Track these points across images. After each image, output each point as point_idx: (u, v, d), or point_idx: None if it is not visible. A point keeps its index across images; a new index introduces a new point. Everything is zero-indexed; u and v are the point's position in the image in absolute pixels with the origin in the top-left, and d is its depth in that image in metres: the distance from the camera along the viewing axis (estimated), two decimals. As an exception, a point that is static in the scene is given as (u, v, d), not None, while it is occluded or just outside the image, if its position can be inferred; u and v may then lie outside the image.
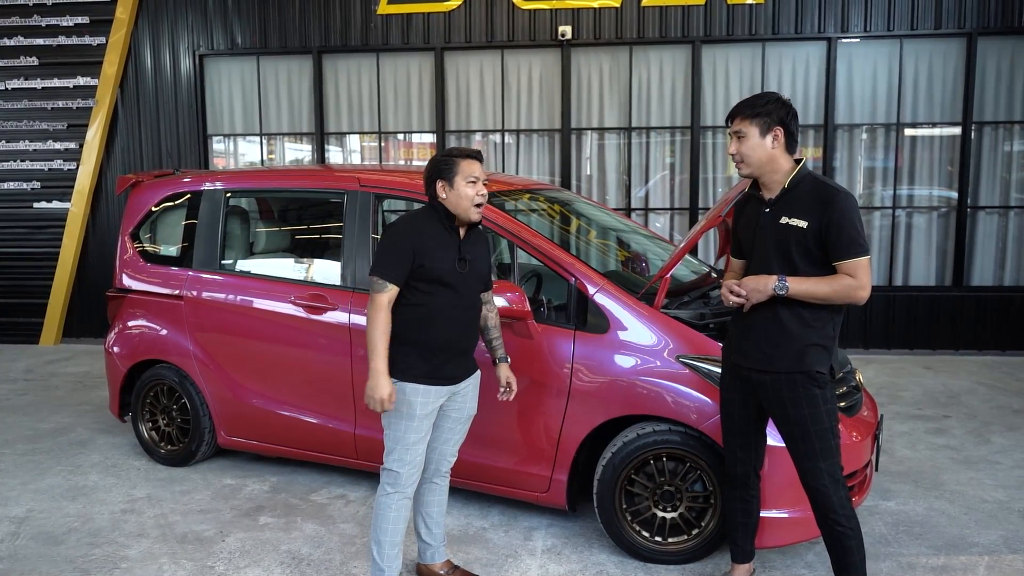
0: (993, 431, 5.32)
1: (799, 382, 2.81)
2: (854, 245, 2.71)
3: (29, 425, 5.60)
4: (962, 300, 7.55)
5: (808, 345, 2.81)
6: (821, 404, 2.82)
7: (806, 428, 2.81)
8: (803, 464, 2.86)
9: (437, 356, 3.06)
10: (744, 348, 2.94)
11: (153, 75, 8.25)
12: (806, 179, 2.84)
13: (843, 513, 2.83)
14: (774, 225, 2.83)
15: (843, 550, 2.88)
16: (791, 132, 2.84)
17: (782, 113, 2.82)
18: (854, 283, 2.72)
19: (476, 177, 3.02)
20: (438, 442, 3.25)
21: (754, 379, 2.91)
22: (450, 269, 3.03)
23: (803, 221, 2.76)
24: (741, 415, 3.04)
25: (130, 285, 4.91)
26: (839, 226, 2.71)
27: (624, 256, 4.84)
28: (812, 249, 2.76)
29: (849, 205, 2.73)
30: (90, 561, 3.62)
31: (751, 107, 2.84)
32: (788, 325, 2.81)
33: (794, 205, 2.80)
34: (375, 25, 7.93)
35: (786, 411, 2.84)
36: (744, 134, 2.84)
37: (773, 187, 2.87)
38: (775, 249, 2.82)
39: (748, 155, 2.84)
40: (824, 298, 2.76)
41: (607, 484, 3.53)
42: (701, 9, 7.52)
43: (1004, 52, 7.40)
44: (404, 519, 3.13)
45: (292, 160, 8.54)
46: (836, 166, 7.65)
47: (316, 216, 5.23)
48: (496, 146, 8.11)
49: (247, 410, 4.49)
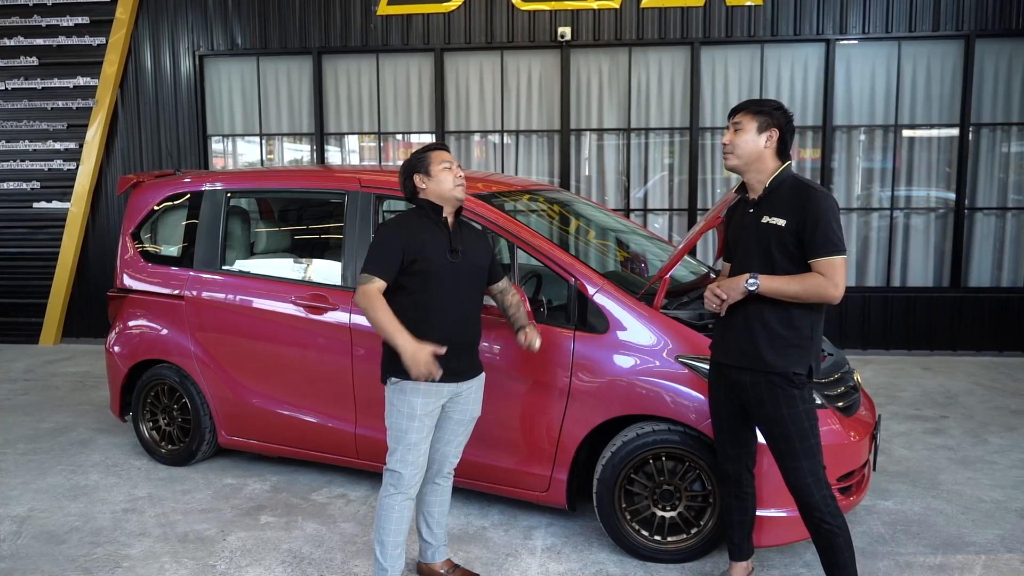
0: (990, 431, 5.34)
1: (776, 382, 2.85)
2: (828, 243, 2.75)
3: (30, 425, 5.61)
4: (960, 301, 7.58)
5: (786, 346, 2.84)
6: (799, 404, 2.85)
7: (785, 428, 2.85)
8: (784, 463, 2.90)
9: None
10: (724, 347, 3.00)
11: (153, 75, 8.26)
12: (788, 180, 2.90)
13: (827, 511, 2.86)
14: (756, 224, 2.89)
15: (830, 548, 2.90)
16: (785, 140, 2.91)
17: (783, 120, 2.90)
18: (826, 282, 2.75)
19: (449, 162, 3.10)
20: (440, 443, 3.25)
21: (734, 377, 2.96)
22: (442, 262, 3.05)
23: (782, 220, 2.82)
24: (728, 413, 3.08)
25: (131, 285, 4.92)
26: (815, 223, 2.75)
27: (623, 257, 4.85)
28: (791, 248, 2.81)
29: (827, 204, 2.78)
30: (92, 560, 3.63)
31: (757, 104, 2.93)
32: (765, 325, 2.85)
33: (775, 205, 2.86)
34: (375, 26, 7.95)
35: (764, 411, 2.88)
36: (742, 126, 2.91)
37: (757, 187, 2.94)
38: (756, 248, 2.88)
39: (740, 146, 2.91)
40: (795, 296, 2.79)
41: (607, 483, 3.55)
42: (700, 11, 7.54)
43: (1002, 54, 7.42)
44: (407, 519, 3.14)
45: (291, 160, 8.56)
46: (834, 167, 7.67)
47: (317, 216, 5.25)
48: (495, 147, 8.13)
49: (248, 410, 4.50)
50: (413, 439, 3.07)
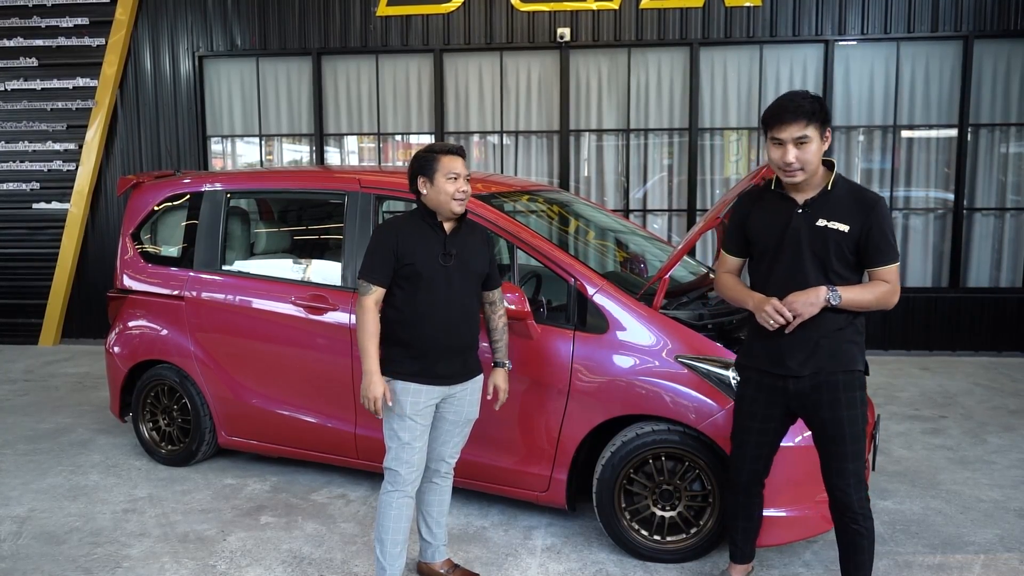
0: (989, 431, 5.35)
1: (842, 384, 2.78)
2: (892, 250, 2.72)
3: (29, 425, 5.61)
4: (959, 301, 7.59)
5: (845, 343, 2.78)
6: (859, 406, 2.81)
7: (842, 430, 2.78)
8: (831, 464, 2.83)
9: (427, 355, 3.06)
10: (780, 356, 2.82)
11: (153, 76, 8.26)
12: (841, 181, 2.79)
13: (861, 513, 2.83)
14: (811, 227, 2.75)
15: (855, 549, 2.88)
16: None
17: (828, 112, 2.73)
18: (891, 288, 2.73)
19: (456, 173, 3.02)
20: (436, 443, 3.25)
21: (792, 388, 2.83)
22: (434, 265, 3.03)
23: (845, 225, 2.71)
24: (762, 425, 2.95)
25: (131, 286, 4.92)
26: (881, 231, 2.69)
27: (623, 257, 4.86)
28: (848, 254, 2.73)
29: (888, 211, 2.74)
30: (92, 560, 3.63)
31: (810, 112, 2.65)
32: (830, 328, 2.76)
33: (834, 208, 2.73)
34: (374, 27, 7.95)
35: (828, 414, 2.79)
36: (808, 139, 2.67)
37: (807, 189, 2.77)
38: (809, 251, 2.74)
39: (811, 162, 2.69)
40: (869, 305, 2.74)
41: (606, 483, 3.55)
42: (699, 11, 7.55)
43: (1000, 55, 7.43)
44: (407, 517, 3.14)
45: (290, 161, 8.56)
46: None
47: (316, 217, 5.25)
48: (495, 147, 8.13)
49: (248, 410, 4.51)
50: (405, 437, 3.07)
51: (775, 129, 2.72)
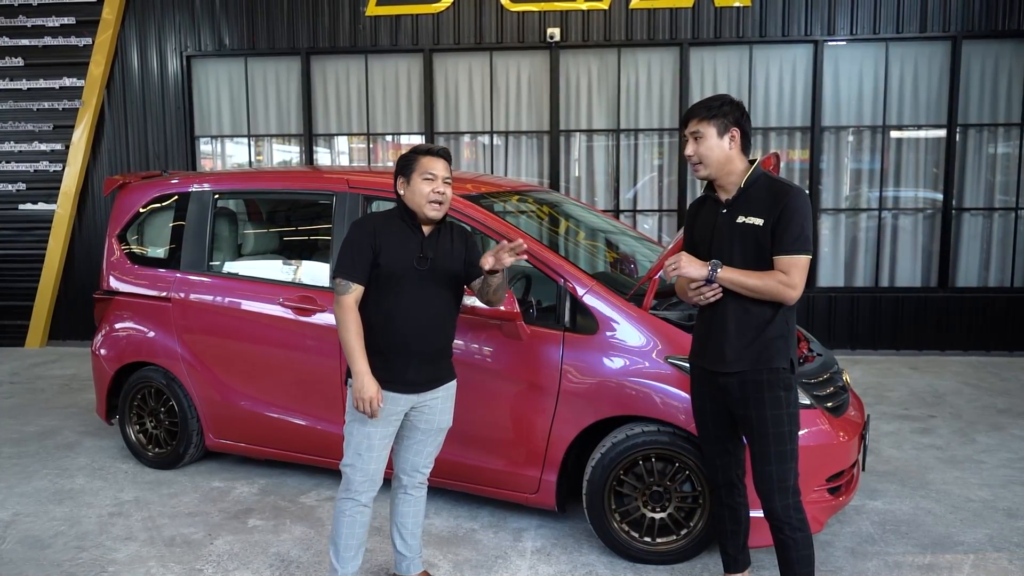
0: (978, 431, 5.36)
1: (765, 382, 2.78)
2: (796, 241, 2.72)
3: (15, 428, 5.56)
4: (948, 301, 7.61)
5: (767, 341, 2.78)
6: (783, 407, 2.79)
7: (764, 429, 2.79)
8: (754, 466, 2.84)
9: (394, 360, 2.97)
10: (707, 351, 2.90)
11: (140, 76, 8.21)
12: (761, 179, 2.84)
13: (786, 521, 2.80)
14: (732, 224, 2.82)
15: (782, 560, 2.86)
16: (746, 133, 2.85)
17: (737, 114, 2.83)
18: (786, 280, 2.71)
19: (433, 174, 2.96)
20: (409, 452, 3.16)
21: (720, 381, 2.87)
22: (407, 267, 2.95)
23: (759, 219, 2.77)
24: (713, 420, 2.98)
25: (117, 287, 4.88)
26: (787, 221, 2.71)
27: (613, 257, 4.85)
28: (767, 247, 2.77)
29: (801, 202, 2.74)
30: (77, 565, 3.60)
31: (708, 108, 2.83)
32: (746, 323, 2.79)
33: (751, 204, 2.80)
34: (363, 26, 7.92)
35: (748, 412, 2.81)
36: (701, 135, 2.82)
37: (729, 188, 2.87)
38: (729, 247, 2.82)
39: (706, 156, 2.83)
40: (752, 290, 2.75)
41: (596, 485, 3.54)
42: (689, 12, 7.56)
43: (988, 55, 7.47)
44: (360, 524, 3.06)
45: (280, 161, 8.52)
46: (823, 168, 7.70)
47: (305, 218, 5.22)
48: (485, 148, 8.12)
49: (235, 412, 4.47)
50: (363, 444, 3.00)
51: (683, 127, 2.94)
